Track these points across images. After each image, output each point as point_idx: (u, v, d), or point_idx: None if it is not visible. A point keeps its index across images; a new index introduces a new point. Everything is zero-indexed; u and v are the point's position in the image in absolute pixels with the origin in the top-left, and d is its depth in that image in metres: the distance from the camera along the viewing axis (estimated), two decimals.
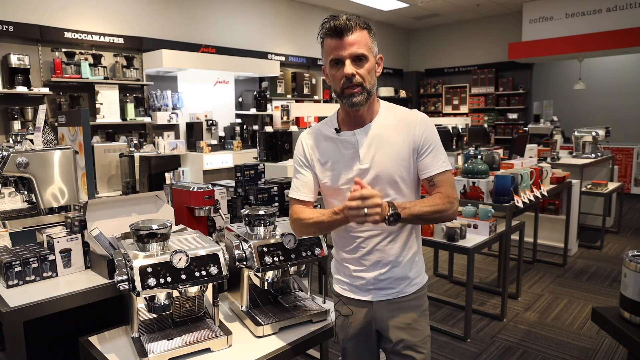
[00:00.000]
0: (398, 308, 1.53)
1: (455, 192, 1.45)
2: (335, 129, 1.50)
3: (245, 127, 6.64)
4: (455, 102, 10.39)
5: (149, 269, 1.40)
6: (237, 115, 7.09)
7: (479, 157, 3.62)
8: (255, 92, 7.09)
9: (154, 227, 1.48)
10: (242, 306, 1.78)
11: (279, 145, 4.91)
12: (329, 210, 1.41)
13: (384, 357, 1.65)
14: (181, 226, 1.93)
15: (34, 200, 2.37)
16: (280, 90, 7.47)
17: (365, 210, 1.21)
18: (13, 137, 4.53)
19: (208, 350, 1.54)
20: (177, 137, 6.16)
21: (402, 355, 1.53)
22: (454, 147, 6.68)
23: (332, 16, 1.38)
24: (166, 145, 5.16)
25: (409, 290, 1.53)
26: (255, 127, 6.77)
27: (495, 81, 9.77)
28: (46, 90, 4.94)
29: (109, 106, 5.47)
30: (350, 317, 1.58)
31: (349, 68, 1.36)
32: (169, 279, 1.42)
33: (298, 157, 1.57)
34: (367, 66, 1.38)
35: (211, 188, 2.19)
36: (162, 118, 5.88)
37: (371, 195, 1.22)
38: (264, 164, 2.74)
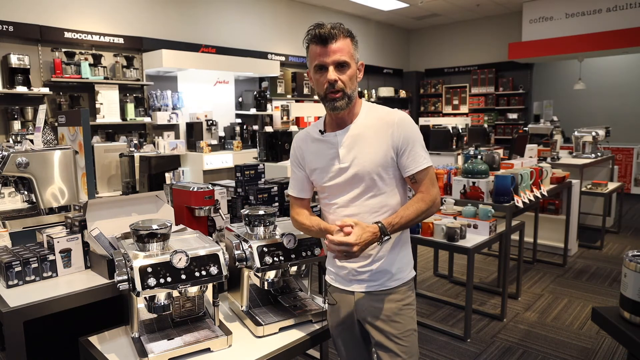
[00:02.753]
0: (379, 300, 1.58)
1: (435, 187, 1.55)
2: (320, 131, 1.60)
3: (245, 127, 6.64)
4: (455, 102, 10.39)
5: (149, 269, 1.40)
6: (237, 115, 7.09)
7: (479, 157, 3.62)
8: (255, 92, 7.09)
9: (154, 227, 1.48)
10: (242, 306, 1.78)
11: (279, 145, 4.91)
12: (317, 224, 1.59)
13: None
14: (181, 226, 1.93)
15: (34, 200, 2.37)
16: (280, 90, 7.47)
17: (344, 253, 1.40)
18: (13, 137, 4.52)
19: (208, 350, 1.54)
20: (177, 137, 6.16)
21: (383, 346, 1.58)
22: (454, 147, 6.68)
23: (317, 24, 1.47)
24: (166, 145, 5.16)
25: (390, 284, 1.58)
26: (255, 127, 6.77)
27: (495, 81, 9.77)
28: (46, 90, 4.95)
29: (109, 106, 5.47)
30: (335, 306, 1.66)
31: (332, 74, 1.45)
32: (169, 279, 1.42)
33: (292, 157, 1.70)
34: (348, 73, 1.47)
35: (211, 188, 2.20)
36: (162, 118, 5.88)
37: (346, 243, 1.37)
38: (264, 164, 2.74)
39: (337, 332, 1.69)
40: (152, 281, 1.39)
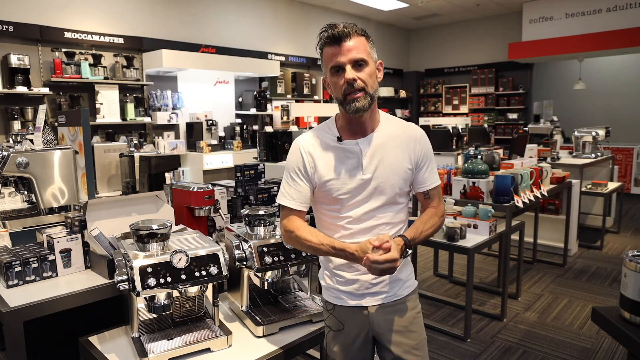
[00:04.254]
0: (393, 311, 1.51)
1: (442, 203, 1.58)
2: (337, 137, 1.47)
3: (245, 127, 6.64)
4: (455, 102, 10.39)
5: (149, 269, 1.40)
6: (237, 115, 7.10)
7: (479, 157, 3.62)
8: (255, 92, 7.09)
9: (154, 227, 1.48)
10: (242, 306, 1.78)
11: (279, 145, 4.91)
12: (328, 242, 1.41)
13: None
14: (181, 226, 1.93)
15: (34, 200, 2.37)
16: (280, 90, 7.47)
17: (384, 269, 1.30)
18: (13, 137, 4.53)
19: (208, 350, 1.54)
20: (177, 137, 6.16)
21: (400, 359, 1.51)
22: (454, 147, 6.68)
23: (329, 25, 1.39)
24: (166, 145, 5.16)
25: (402, 292, 1.53)
26: (255, 127, 6.77)
27: (495, 81, 9.77)
28: (46, 90, 4.94)
29: (109, 106, 5.47)
30: (343, 330, 1.53)
31: (349, 73, 1.36)
32: (169, 279, 1.42)
33: (294, 165, 1.49)
34: (367, 70, 1.38)
35: (211, 188, 2.20)
36: (162, 118, 5.88)
37: (393, 259, 1.29)
38: (264, 164, 2.74)
39: (342, 357, 1.54)
40: (152, 281, 1.39)
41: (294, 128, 5.61)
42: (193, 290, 1.52)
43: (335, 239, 1.44)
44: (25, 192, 2.48)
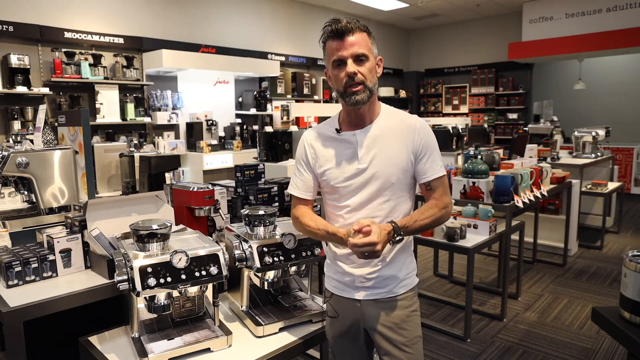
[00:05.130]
0: (386, 308, 1.53)
1: (449, 196, 1.55)
2: (336, 129, 1.54)
3: (245, 127, 6.64)
4: (455, 102, 10.39)
5: (149, 269, 1.40)
6: (237, 115, 7.10)
7: (479, 157, 3.62)
8: (255, 92, 7.09)
9: (154, 227, 1.48)
10: (242, 306, 1.78)
11: (279, 145, 4.91)
12: (324, 227, 1.51)
13: (377, 358, 1.65)
14: (181, 226, 1.93)
15: (34, 200, 2.37)
16: (280, 90, 7.47)
17: (366, 254, 1.33)
18: (13, 137, 4.52)
19: (208, 350, 1.54)
20: (177, 137, 6.16)
21: (390, 355, 1.53)
22: (454, 147, 6.68)
23: (333, 20, 1.44)
24: (166, 145, 5.16)
25: (397, 290, 1.54)
26: (255, 127, 6.76)
27: (495, 81, 9.77)
28: (46, 90, 4.94)
29: (109, 106, 5.47)
30: (337, 317, 1.59)
31: (351, 67, 1.41)
32: (169, 279, 1.42)
33: (299, 156, 1.61)
34: (367, 65, 1.43)
35: (211, 188, 2.20)
36: (162, 118, 5.88)
37: (371, 242, 1.31)
38: (264, 164, 2.74)
39: (338, 343, 1.62)
40: (152, 281, 1.39)
41: (294, 128, 5.60)
42: (193, 290, 1.52)
43: (331, 225, 1.53)
44: (25, 192, 2.47)
